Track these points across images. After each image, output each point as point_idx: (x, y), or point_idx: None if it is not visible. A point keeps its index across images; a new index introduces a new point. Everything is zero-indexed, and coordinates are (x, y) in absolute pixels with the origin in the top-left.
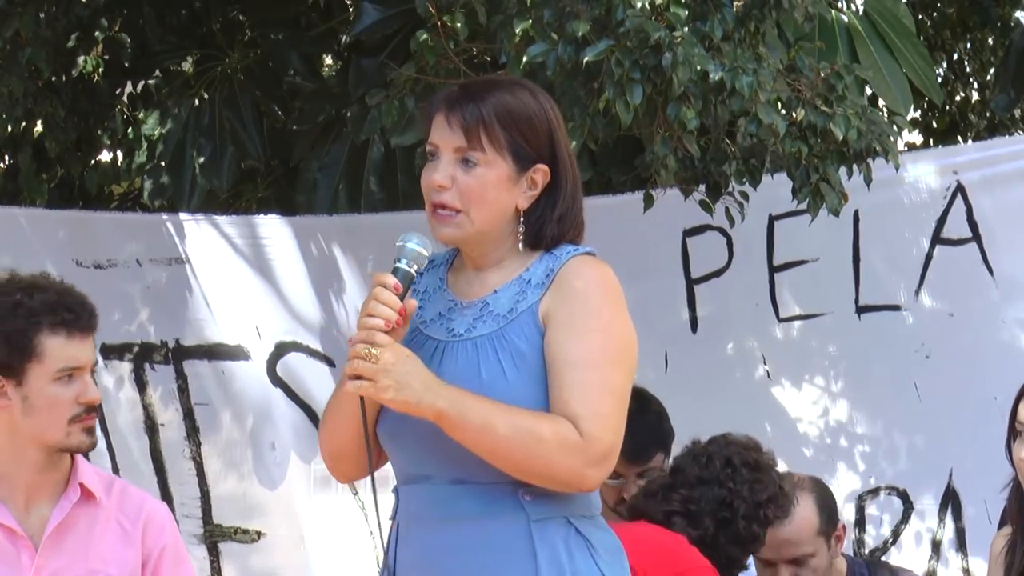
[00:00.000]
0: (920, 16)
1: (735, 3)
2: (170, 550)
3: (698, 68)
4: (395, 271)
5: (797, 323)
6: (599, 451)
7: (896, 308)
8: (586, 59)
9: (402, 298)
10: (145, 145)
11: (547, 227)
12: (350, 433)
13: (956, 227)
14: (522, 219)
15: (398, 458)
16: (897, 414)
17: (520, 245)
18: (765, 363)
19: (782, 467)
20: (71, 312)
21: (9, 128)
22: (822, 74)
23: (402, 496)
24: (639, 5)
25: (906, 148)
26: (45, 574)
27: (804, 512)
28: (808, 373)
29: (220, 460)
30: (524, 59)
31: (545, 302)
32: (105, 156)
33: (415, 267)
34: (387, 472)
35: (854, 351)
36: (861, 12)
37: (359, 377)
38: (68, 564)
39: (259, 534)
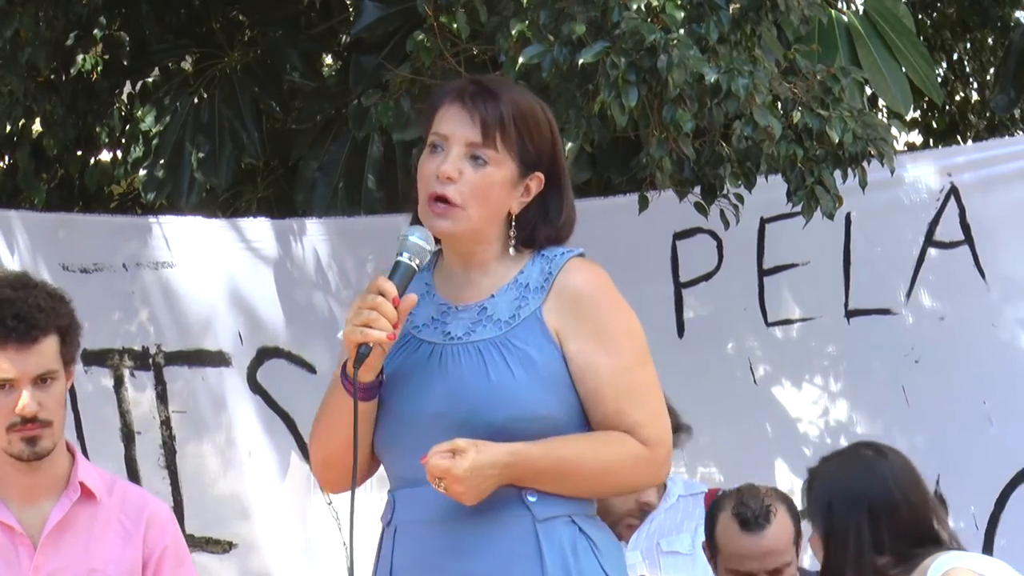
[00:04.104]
0: (920, 16)
1: (731, 5)
2: (171, 550)
3: (694, 70)
4: (396, 265)
5: (785, 327)
6: (664, 452)
7: (887, 312)
8: (582, 61)
9: (401, 294)
10: (141, 140)
11: (539, 231)
12: (341, 441)
13: (949, 230)
14: (513, 223)
15: (396, 463)
16: (885, 419)
17: (512, 249)
18: (752, 368)
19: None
20: (2, 325)
21: (8, 127)
22: (818, 76)
23: (399, 500)
24: (635, 7)
25: (905, 148)
26: (44, 573)
27: (783, 520)
28: (796, 378)
29: (195, 469)
30: (520, 60)
31: (551, 311)
32: (105, 156)
33: (417, 261)
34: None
35: (843, 355)
36: (861, 12)
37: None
38: (67, 563)
39: (230, 544)
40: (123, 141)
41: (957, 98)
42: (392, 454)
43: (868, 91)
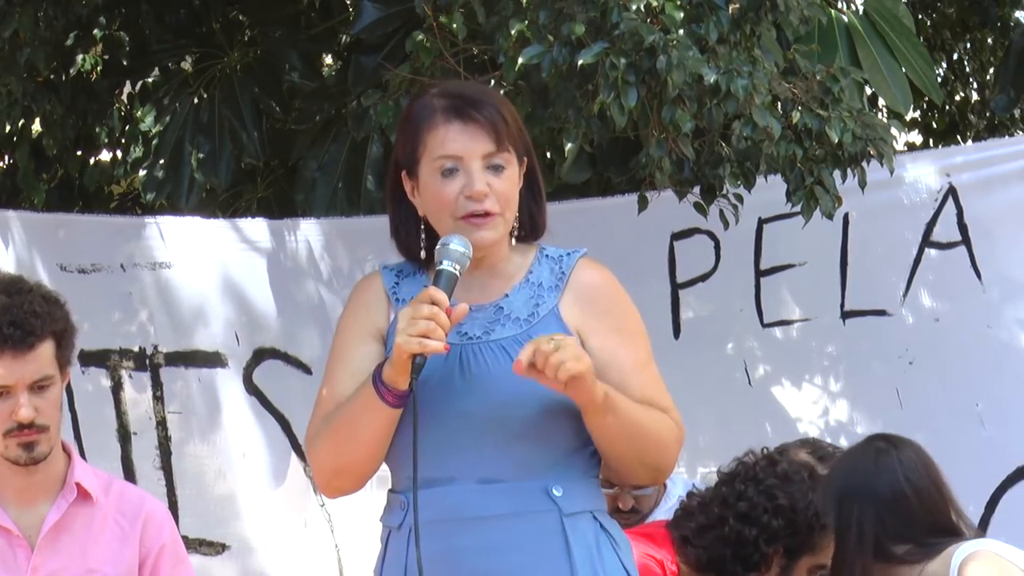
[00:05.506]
0: (920, 16)
1: (730, 6)
2: (169, 549)
3: (693, 71)
4: (439, 274)
5: (781, 328)
6: (683, 438)
7: (882, 313)
8: (581, 61)
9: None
10: (141, 141)
11: (538, 216)
12: (364, 450)
13: (946, 230)
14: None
15: (411, 464)
16: (878, 421)
17: (514, 239)
18: (747, 369)
19: None
20: None
21: (8, 127)
22: (818, 77)
23: (417, 501)
24: (634, 7)
25: (905, 148)
26: (41, 574)
27: None
28: (790, 380)
29: (190, 470)
30: (520, 60)
31: (569, 308)
32: (104, 156)
33: (458, 268)
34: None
35: (837, 357)
36: (861, 12)
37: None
38: (65, 564)
39: (223, 547)
40: (123, 141)
41: (957, 98)
42: (407, 457)
43: (868, 91)
